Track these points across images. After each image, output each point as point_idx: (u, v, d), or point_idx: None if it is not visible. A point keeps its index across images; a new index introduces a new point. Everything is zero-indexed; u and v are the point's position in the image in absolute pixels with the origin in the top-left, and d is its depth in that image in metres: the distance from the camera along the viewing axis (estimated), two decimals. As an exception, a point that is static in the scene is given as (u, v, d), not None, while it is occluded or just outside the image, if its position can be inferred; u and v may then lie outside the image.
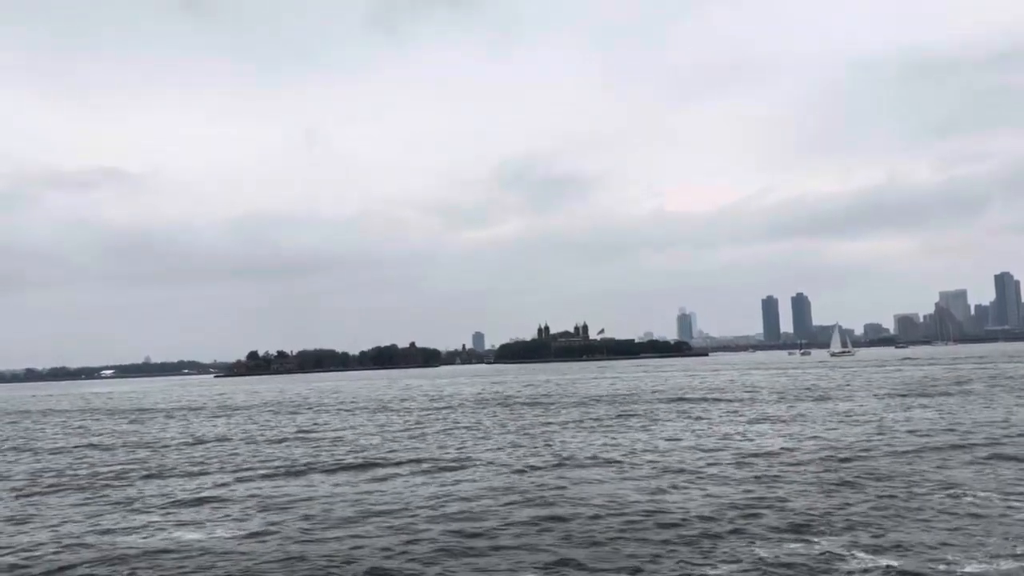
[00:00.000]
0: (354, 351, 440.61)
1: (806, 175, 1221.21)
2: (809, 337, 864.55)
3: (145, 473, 32.55)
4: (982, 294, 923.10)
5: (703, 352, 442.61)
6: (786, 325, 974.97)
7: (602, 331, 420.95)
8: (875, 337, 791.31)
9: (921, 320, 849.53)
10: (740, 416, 47.52)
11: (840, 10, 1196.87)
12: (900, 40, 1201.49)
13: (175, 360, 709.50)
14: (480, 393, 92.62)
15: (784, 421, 43.27)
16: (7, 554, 19.11)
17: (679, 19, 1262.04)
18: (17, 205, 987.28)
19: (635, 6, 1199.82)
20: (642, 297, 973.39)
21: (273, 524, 21.29)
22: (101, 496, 27.29)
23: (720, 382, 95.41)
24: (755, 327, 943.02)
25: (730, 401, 61.02)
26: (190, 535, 20.37)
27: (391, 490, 25.80)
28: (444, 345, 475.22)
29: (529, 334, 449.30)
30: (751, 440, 35.01)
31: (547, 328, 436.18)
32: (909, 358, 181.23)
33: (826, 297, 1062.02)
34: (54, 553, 18.98)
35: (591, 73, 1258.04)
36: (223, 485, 28.39)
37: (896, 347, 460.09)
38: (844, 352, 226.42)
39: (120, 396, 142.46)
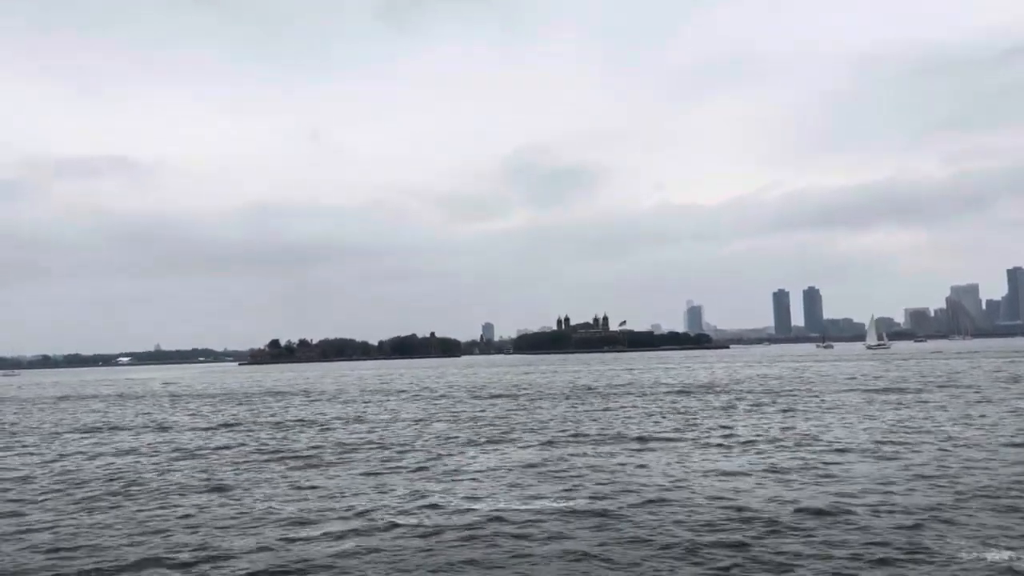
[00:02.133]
0: (362, 340, 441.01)
1: (812, 170, 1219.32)
2: (820, 331, 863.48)
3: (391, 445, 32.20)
4: (989, 289, 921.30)
5: (724, 345, 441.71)
6: (795, 319, 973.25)
7: (624, 323, 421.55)
8: (887, 331, 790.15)
9: (932, 314, 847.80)
10: (914, 408, 47.24)
11: (849, 6, 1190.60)
12: (909, 36, 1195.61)
13: (188, 348, 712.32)
14: (560, 383, 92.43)
15: (954, 410, 43.10)
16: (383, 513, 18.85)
17: (686, 13, 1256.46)
18: (24, 193, 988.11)
19: (640, 0, 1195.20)
20: (648, 289, 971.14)
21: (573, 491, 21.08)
22: (376, 467, 26.88)
23: (805, 374, 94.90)
24: (762, 320, 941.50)
25: (860, 391, 60.73)
26: (530, 504, 20.14)
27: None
28: (452, 336, 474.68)
29: (536, 325, 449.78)
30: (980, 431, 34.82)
31: (567, 319, 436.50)
32: (937, 351, 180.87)
33: (833, 291, 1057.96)
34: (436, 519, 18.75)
35: (596, 66, 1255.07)
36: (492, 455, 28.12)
37: (915, 341, 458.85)
38: (880, 345, 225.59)
39: (188, 381, 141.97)
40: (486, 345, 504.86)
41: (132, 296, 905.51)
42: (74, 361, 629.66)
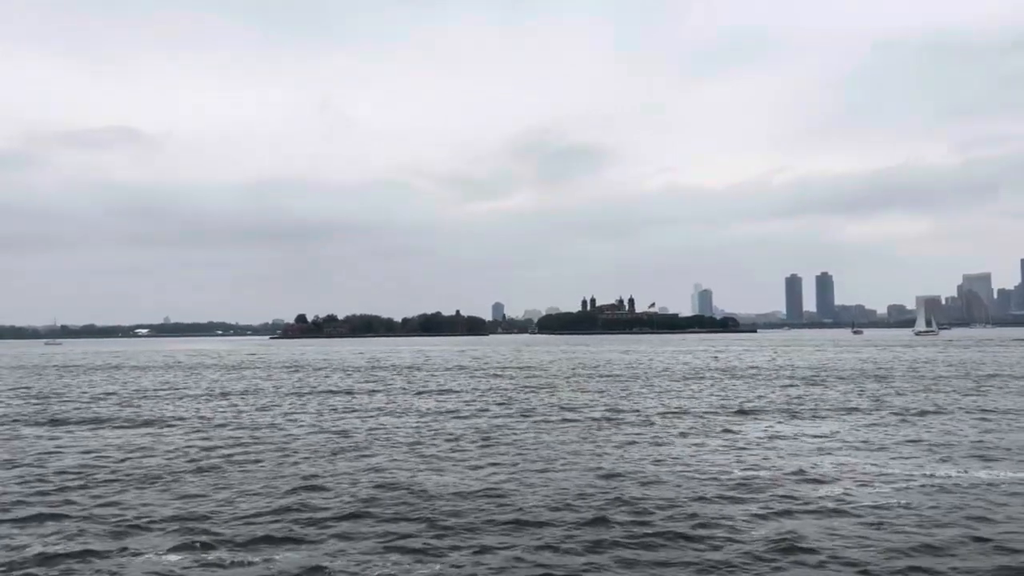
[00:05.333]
0: (386, 317, 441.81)
1: (821, 154, 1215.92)
2: (832, 317, 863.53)
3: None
4: (1001, 278, 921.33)
5: (750, 329, 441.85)
6: (806, 304, 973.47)
7: (652, 305, 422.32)
8: (899, 319, 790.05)
9: (944, 303, 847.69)
10: None
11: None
12: (923, 20, 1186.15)
13: (196, 321, 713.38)
14: (661, 365, 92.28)
15: None
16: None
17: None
18: (30, 165, 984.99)
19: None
20: (654, 272, 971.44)
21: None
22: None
23: (957, 360, 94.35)
24: (770, 305, 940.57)
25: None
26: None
27: None
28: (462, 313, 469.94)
29: (544, 305, 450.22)
30: None
31: (593, 300, 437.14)
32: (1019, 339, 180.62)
33: (842, 277, 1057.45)
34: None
35: (606, 45, 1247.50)
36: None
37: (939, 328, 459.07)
38: (929, 331, 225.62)
39: (272, 354, 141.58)
40: (509, 324, 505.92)
41: (138, 268, 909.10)
42: (91, 332, 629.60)
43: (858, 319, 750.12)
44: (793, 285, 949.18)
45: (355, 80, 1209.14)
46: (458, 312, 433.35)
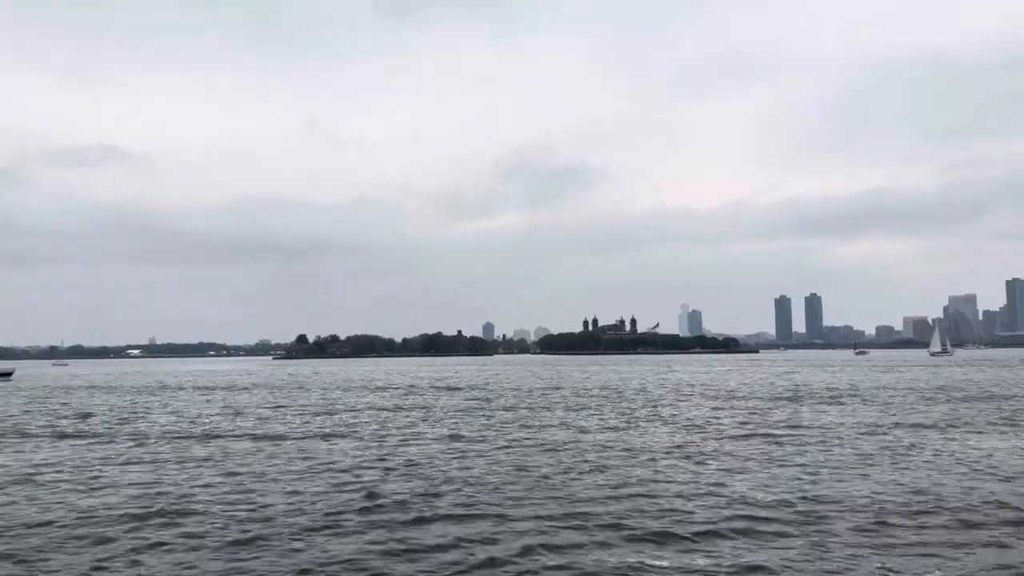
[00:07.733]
0: (387, 337, 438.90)
1: (809, 175, 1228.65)
2: (821, 338, 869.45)
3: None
4: (986, 300, 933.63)
5: (752, 349, 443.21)
6: (795, 325, 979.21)
7: (657, 325, 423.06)
8: (889, 340, 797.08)
9: (931, 323, 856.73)
10: None
11: (857, 11, 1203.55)
12: (913, 42, 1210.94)
13: (183, 341, 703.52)
14: (731, 385, 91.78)
15: None
16: None
17: (688, 11, 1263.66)
18: (14, 182, 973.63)
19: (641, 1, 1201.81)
20: (642, 292, 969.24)
21: None
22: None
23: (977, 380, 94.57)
24: (757, 325, 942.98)
25: None
26: None
27: None
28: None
29: (533, 326, 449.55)
30: None
31: (595, 320, 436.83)
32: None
33: (829, 297, 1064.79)
34: None
35: (597, 64, 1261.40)
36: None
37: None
38: (944, 352, 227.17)
39: (322, 375, 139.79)
40: (509, 344, 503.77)
41: (122, 287, 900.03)
42: (80, 352, 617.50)
43: (848, 340, 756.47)
44: (783, 306, 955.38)
45: (342, 98, 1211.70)
46: (460, 332, 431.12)
